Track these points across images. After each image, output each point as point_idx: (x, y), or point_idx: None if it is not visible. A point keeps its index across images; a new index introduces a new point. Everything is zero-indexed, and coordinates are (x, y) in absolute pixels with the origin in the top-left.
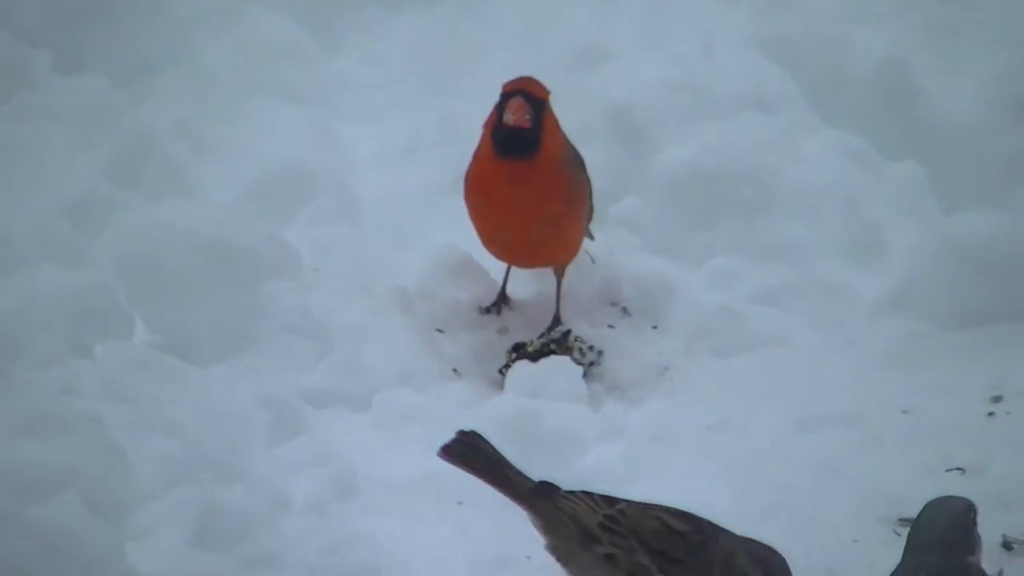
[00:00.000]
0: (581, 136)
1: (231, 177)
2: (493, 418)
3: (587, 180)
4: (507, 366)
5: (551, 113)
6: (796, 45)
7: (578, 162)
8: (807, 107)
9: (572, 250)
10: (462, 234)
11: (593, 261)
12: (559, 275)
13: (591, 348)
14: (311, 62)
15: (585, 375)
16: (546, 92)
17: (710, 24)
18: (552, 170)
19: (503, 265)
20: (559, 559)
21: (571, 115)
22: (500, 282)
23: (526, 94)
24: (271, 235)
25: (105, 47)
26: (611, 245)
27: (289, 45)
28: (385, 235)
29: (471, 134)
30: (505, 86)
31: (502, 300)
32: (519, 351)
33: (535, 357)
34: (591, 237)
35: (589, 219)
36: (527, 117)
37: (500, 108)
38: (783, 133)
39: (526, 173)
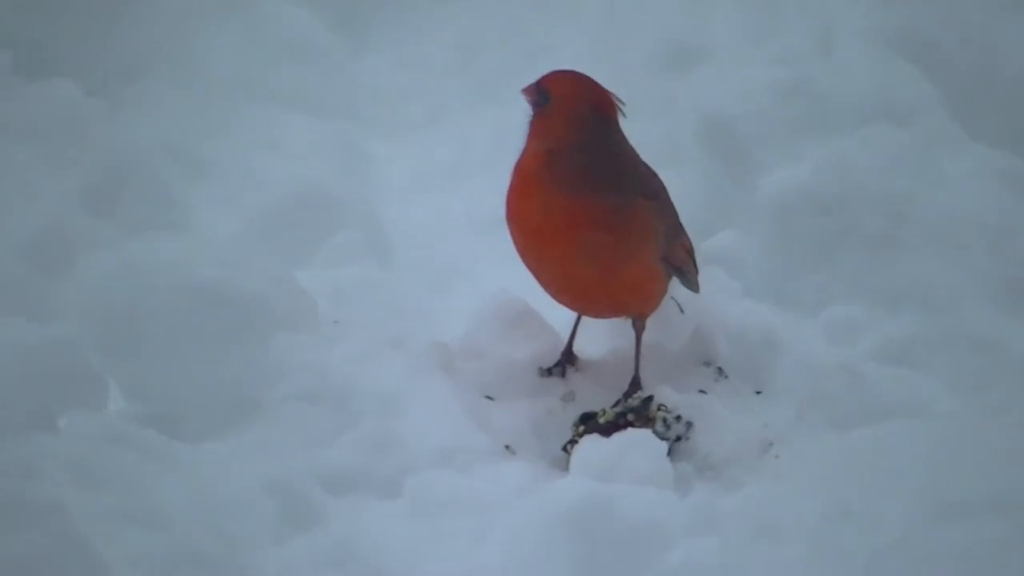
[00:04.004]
0: (668, 154)
1: (231, 205)
2: (555, 507)
3: (655, 209)
4: (573, 442)
5: (561, 110)
6: (935, 41)
7: (634, 186)
8: (948, 118)
9: (642, 295)
10: (518, 276)
11: (682, 310)
12: (638, 328)
13: (678, 419)
14: (333, 63)
15: (670, 452)
16: (566, 87)
17: (828, 15)
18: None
19: (570, 316)
20: None
21: (656, 128)
22: (565, 337)
23: (540, 86)
24: (280, 278)
25: (77, 45)
26: (704, 290)
27: (305, 42)
28: (423, 278)
29: None
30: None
31: (567, 359)
32: (588, 423)
33: (608, 430)
34: (695, 289)
35: (682, 270)
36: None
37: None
38: (919, 150)
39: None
